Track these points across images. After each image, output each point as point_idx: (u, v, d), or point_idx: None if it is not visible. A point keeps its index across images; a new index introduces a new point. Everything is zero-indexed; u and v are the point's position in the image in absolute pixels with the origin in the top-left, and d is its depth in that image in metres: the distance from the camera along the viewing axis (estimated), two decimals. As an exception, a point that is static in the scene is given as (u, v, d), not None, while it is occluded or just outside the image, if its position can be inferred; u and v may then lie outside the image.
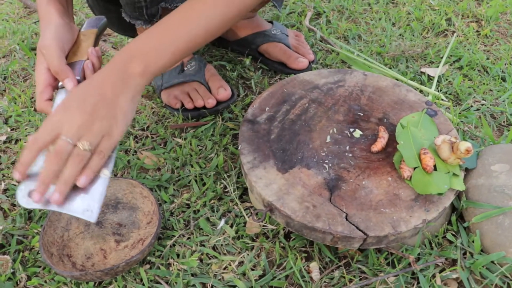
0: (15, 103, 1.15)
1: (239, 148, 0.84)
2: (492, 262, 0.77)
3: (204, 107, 1.07)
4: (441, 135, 0.82)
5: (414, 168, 0.80)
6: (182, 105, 1.08)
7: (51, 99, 0.78)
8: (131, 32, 1.19)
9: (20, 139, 1.05)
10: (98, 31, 0.88)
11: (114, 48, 1.35)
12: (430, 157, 0.79)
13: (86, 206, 0.71)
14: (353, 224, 0.73)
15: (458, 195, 0.86)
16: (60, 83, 0.79)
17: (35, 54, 1.33)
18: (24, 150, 0.69)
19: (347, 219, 0.74)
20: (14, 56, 1.33)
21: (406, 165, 0.80)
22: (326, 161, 0.83)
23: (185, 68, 1.11)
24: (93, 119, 0.69)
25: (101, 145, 0.70)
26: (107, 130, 0.70)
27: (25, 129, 1.07)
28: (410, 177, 0.79)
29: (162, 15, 1.03)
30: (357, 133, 0.88)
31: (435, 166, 0.80)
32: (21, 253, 0.82)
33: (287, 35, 1.24)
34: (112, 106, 0.71)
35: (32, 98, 1.17)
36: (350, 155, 0.84)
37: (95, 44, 0.86)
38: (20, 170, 0.69)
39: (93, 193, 0.72)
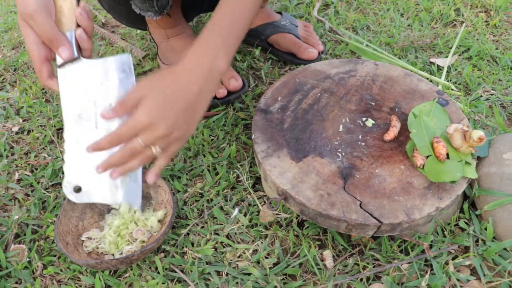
0: (26, 94, 1.16)
1: (252, 137, 0.85)
2: (505, 249, 0.78)
3: (215, 98, 1.07)
4: (453, 124, 0.82)
5: (427, 157, 0.80)
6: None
7: (53, 73, 0.75)
8: (140, 24, 1.19)
9: (32, 130, 1.06)
10: None
11: (123, 39, 1.35)
12: (443, 146, 0.79)
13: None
14: (367, 212, 0.74)
15: (470, 184, 0.86)
16: (59, 61, 0.75)
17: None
18: (106, 138, 0.70)
19: (361, 207, 0.74)
20: (24, 47, 1.33)
21: (419, 154, 0.80)
22: (339, 150, 0.83)
23: None
24: (173, 129, 0.70)
25: (171, 148, 0.73)
26: (181, 136, 0.72)
27: (37, 119, 1.08)
28: (423, 165, 0.80)
29: (172, 6, 1.03)
30: (370, 122, 0.88)
31: (447, 154, 0.80)
32: (36, 242, 0.83)
33: (297, 26, 1.24)
34: (193, 112, 0.71)
35: (43, 89, 1.17)
36: (363, 144, 0.84)
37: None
38: (94, 149, 0.72)
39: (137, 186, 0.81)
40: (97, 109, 0.78)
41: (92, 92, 0.78)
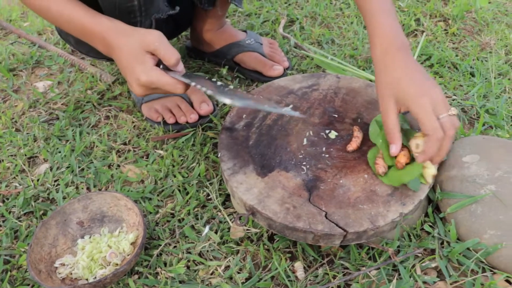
0: (-4, 125, 1.16)
1: (219, 156, 0.87)
2: (468, 249, 0.80)
3: (186, 122, 1.09)
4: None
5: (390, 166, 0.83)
6: (164, 118, 1.10)
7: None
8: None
9: (3, 160, 1.06)
10: None
11: (93, 65, 1.36)
12: (403, 155, 0.82)
13: None
14: (332, 222, 0.76)
15: (433, 187, 0.89)
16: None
17: (14, 75, 1.34)
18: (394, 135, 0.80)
19: (326, 217, 0.76)
20: (-7, 78, 1.34)
21: (382, 162, 0.83)
22: (304, 163, 0.85)
23: None
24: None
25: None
26: None
27: (7, 149, 1.08)
28: (385, 173, 0.82)
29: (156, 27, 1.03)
30: (333, 134, 0.91)
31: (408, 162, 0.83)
32: (8, 273, 0.83)
33: (261, 44, 1.27)
34: None
35: (13, 118, 1.18)
36: (327, 155, 0.87)
37: None
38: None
39: None
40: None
41: None
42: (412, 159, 0.82)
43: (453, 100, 1.17)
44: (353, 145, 0.87)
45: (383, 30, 0.84)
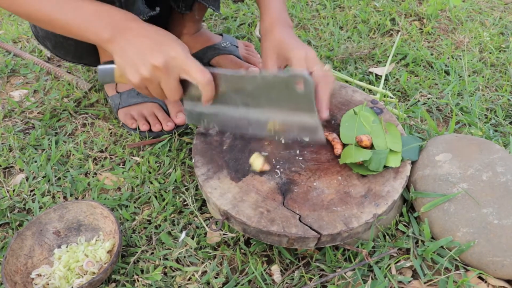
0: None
1: (193, 161, 0.87)
2: (442, 247, 0.81)
3: (161, 130, 1.08)
4: None
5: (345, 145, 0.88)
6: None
7: None
8: (87, 57, 1.17)
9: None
10: None
11: (69, 72, 1.36)
12: (366, 137, 0.87)
13: None
14: (306, 225, 0.76)
15: (407, 187, 0.90)
16: None
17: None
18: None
19: (300, 221, 0.77)
20: (-33, 88, 1.33)
21: (339, 142, 0.89)
22: (278, 166, 0.86)
23: None
24: None
25: None
26: None
27: (-18, 161, 1.07)
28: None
29: None
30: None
31: (372, 145, 0.87)
32: (-16, 285, 0.82)
33: (237, 46, 1.27)
34: None
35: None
36: (301, 158, 0.87)
37: None
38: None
39: None
40: None
41: None
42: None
43: (428, 98, 1.19)
44: (337, 147, 0.88)
45: (273, 11, 0.94)
